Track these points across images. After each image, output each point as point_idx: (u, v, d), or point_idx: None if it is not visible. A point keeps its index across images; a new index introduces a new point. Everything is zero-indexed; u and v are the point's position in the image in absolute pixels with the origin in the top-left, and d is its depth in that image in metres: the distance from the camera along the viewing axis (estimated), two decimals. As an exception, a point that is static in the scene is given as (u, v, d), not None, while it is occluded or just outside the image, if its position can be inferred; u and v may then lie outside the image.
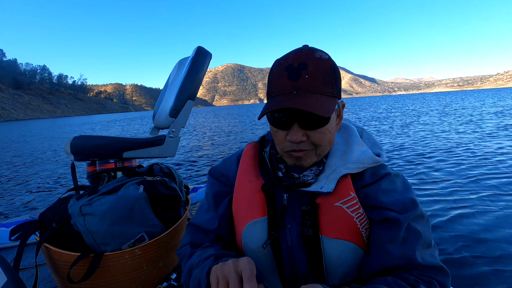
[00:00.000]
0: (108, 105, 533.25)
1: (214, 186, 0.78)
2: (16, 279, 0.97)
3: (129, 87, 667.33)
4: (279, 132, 0.61)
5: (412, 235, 0.59)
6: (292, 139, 0.57)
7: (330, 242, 0.61)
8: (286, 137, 0.59)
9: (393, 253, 0.59)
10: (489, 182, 3.71)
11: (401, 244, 0.59)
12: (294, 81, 0.56)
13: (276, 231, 0.65)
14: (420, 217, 0.62)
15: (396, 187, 0.64)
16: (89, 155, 1.37)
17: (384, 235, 0.60)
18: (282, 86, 0.57)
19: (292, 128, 0.58)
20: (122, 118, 66.54)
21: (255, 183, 0.70)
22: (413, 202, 0.61)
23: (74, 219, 1.16)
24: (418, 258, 0.58)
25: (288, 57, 0.59)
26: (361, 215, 0.62)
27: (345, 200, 0.62)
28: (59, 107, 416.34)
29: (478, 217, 2.71)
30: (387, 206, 0.60)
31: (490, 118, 11.54)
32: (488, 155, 5.25)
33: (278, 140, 0.62)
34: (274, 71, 0.60)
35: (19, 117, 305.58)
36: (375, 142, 0.70)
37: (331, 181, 0.62)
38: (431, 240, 0.62)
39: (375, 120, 14.80)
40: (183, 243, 0.77)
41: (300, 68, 0.56)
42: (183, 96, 1.52)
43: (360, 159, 0.63)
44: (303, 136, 0.58)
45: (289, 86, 0.56)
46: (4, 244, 2.02)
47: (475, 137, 7.28)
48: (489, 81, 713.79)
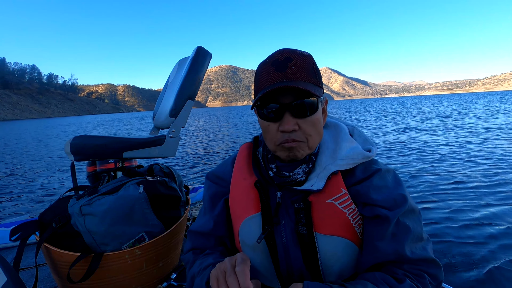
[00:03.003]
0: (99, 105, 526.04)
1: (210, 188, 0.80)
2: (16, 279, 0.96)
3: (121, 87, 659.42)
4: (271, 126, 0.63)
5: (402, 230, 0.61)
6: (285, 128, 0.60)
7: (324, 239, 0.62)
8: (278, 129, 0.62)
9: (383, 249, 0.60)
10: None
11: (390, 240, 0.60)
12: (282, 72, 0.60)
13: (270, 225, 0.66)
14: (411, 211, 0.63)
15: (387, 183, 0.65)
16: (89, 155, 1.36)
17: (375, 232, 0.62)
18: (271, 78, 0.60)
19: (284, 118, 0.61)
20: (113, 118, 65.82)
21: (249, 180, 0.71)
22: (403, 197, 0.62)
23: (74, 219, 1.15)
24: (407, 253, 0.59)
25: (272, 56, 0.63)
26: (353, 211, 0.64)
27: (337, 196, 0.63)
28: (49, 108, 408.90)
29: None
30: (378, 203, 0.62)
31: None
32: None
33: (270, 135, 0.64)
34: (260, 70, 0.64)
35: (7, 117, 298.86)
36: (366, 138, 0.72)
37: (321, 179, 0.64)
38: (422, 234, 0.63)
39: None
40: (186, 249, 0.79)
41: (286, 61, 0.60)
42: (183, 96, 1.52)
43: (349, 156, 0.65)
44: (295, 125, 0.60)
45: (278, 76, 0.60)
46: (4, 244, 2.01)
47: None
48: (477, 85, 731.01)
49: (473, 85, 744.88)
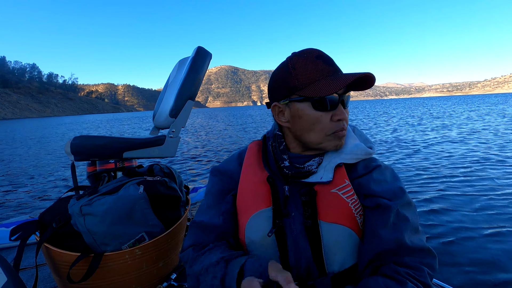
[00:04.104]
0: (99, 105, 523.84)
1: (216, 184, 0.80)
2: (16, 279, 0.96)
3: (121, 87, 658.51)
4: (323, 116, 0.65)
5: (401, 220, 0.64)
6: (344, 117, 0.65)
7: (328, 227, 0.65)
8: (332, 118, 0.65)
9: (385, 237, 0.62)
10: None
11: (391, 229, 0.63)
12: (332, 66, 0.64)
13: (281, 219, 0.68)
14: (408, 204, 0.67)
15: (386, 178, 0.69)
16: (89, 155, 1.36)
17: (377, 221, 0.64)
18: (325, 70, 0.64)
19: (338, 109, 0.65)
20: (114, 118, 65.76)
21: (260, 176, 0.73)
22: (401, 190, 0.67)
23: (74, 219, 1.15)
24: (407, 241, 0.62)
25: (307, 51, 0.66)
26: (355, 201, 0.67)
27: (341, 187, 0.67)
28: (49, 107, 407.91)
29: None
30: (379, 194, 0.66)
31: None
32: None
33: (322, 126, 0.65)
34: (303, 62, 0.64)
35: (7, 116, 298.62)
36: (366, 138, 0.76)
37: (329, 171, 0.68)
38: (418, 226, 0.67)
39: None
40: (186, 246, 0.77)
41: (325, 56, 0.65)
42: (183, 96, 1.52)
43: (354, 151, 0.69)
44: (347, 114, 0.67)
45: (331, 69, 0.64)
46: (4, 244, 2.02)
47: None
48: (477, 87, 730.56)
49: (473, 87, 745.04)
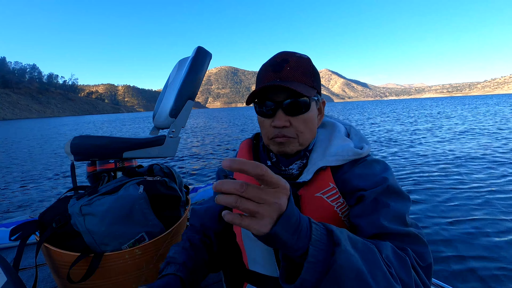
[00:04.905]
0: (99, 105, 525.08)
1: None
2: (16, 279, 0.96)
3: (121, 87, 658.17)
4: (265, 121, 0.68)
5: (379, 206, 0.60)
6: (276, 124, 0.65)
7: None
8: (271, 124, 0.67)
9: (363, 225, 0.60)
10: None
11: (368, 215, 0.60)
12: (278, 72, 0.65)
13: None
14: (393, 193, 0.62)
15: (373, 171, 0.66)
16: (89, 155, 1.36)
17: (356, 212, 0.63)
18: (267, 77, 0.66)
19: (277, 115, 0.66)
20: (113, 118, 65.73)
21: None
22: (384, 179, 0.63)
23: (74, 219, 1.15)
24: (384, 223, 0.57)
25: (272, 57, 0.69)
26: (342, 204, 0.66)
27: (325, 190, 0.66)
28: (49, 107, 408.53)
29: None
30: (359, 188, 0.64)
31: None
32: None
33: (265, 130, 0.69)
34: (260, 70, 0.70)
35: (7, 117, 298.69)
36: (361, 137, 0.75)
37: (310, 173, 0.67)
38: (405, 217, 0.60)
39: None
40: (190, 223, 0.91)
41: (283, 63, 0.65)
42: (183, 96, 1.52)
43: (339, 152, 0.68)
44: (286, 121, 0.65)
45: (273, 76, 0.65)
46: (4, 244, 2.02)
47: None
48: (477, 88, 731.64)
49: (473, 88, 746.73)
